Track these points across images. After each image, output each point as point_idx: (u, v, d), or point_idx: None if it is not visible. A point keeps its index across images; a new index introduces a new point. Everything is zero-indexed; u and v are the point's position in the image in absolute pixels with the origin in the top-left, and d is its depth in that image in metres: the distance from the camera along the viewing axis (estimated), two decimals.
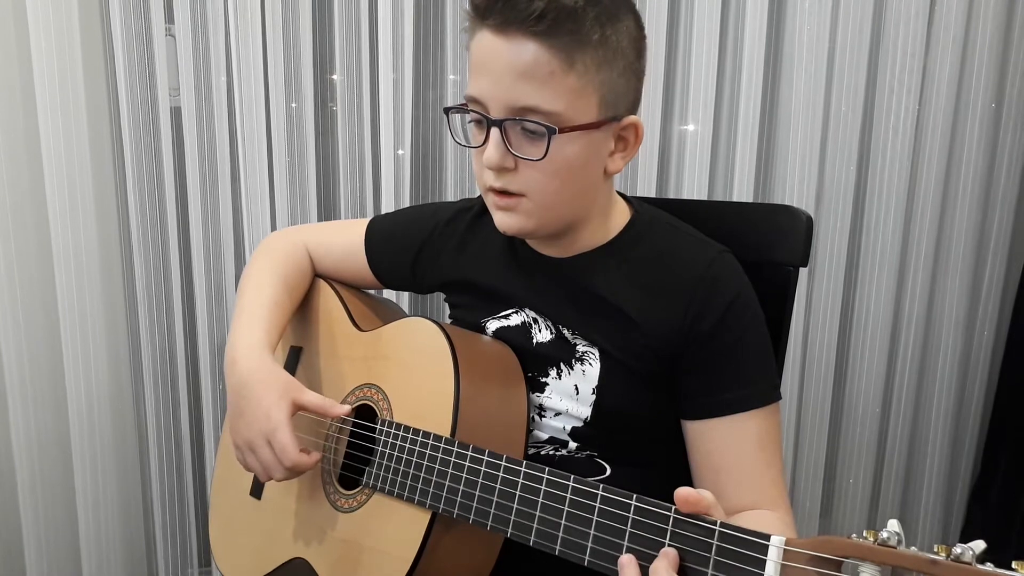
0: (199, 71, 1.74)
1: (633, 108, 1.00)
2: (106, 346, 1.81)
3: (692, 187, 1.87)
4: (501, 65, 0.91)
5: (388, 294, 1.77)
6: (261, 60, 1.73)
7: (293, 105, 1.78)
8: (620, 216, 1.08)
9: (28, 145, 1.70)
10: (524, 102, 0.91)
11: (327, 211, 1.90)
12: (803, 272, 1.63)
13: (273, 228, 1.80)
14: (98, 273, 1.77)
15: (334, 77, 1.82)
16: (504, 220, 1.01)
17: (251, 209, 1.79)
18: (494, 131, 0.94)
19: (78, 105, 1.69)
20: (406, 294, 1.86)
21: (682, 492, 0.73)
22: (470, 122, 1.00)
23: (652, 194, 1.87)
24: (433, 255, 1.21)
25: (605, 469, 1.05)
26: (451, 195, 1.89)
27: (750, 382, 0.99)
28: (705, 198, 1.86)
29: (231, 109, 1.76)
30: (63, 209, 1.70)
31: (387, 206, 1.80)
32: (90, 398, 1.80)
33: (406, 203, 1.82)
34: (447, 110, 1.03)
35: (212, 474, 1.89)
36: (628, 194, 1.13)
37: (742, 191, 1.87)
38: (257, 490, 1.22)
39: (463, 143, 1.03)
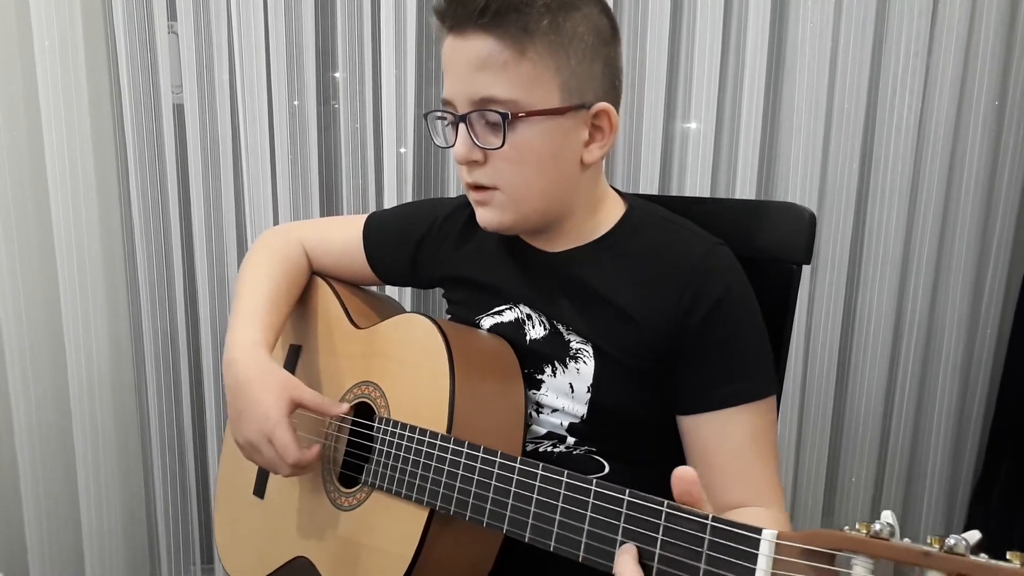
0: (202, 68, 1.75)
1: (607, 96, 1.00)
2: (108, 340, 1.82)
3: (694, 184, 1.86)
4: (460, 62, 0.96)
5: (389, 290, 1.77)
6: (263, 57, 1.73)
7: (295, 103, 1.78)
8: (613, 210, 1.08)
9: (31, 141, 1.71)
10: (483, 93, 0.95)
11: (329, 209, 1.90)
12: (805, 270, 1.62)
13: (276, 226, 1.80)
14: (100, 268, 1.78)
15: (336, 75, 1.82)
16: (482, 215, 1.03)
17: (254, 206, 1.79)
18: (461, 126, 0.97)
19: (81, 102, 1.69)
20: (408, 290, 1.86)
21: (680, 470, 0.73)
22: (447, 125, 1.03)
23: (654, 191, 1.87)
24: (432, 250, 1.21)
25: (604, 466, 1.05)
26: (453, 193, 1.90)
27: (743, 376, 0.98)
28: (707, 196, 1.86)
29: (233, 106, 1.77)
30: (65, 205, 1.71)
31: (389, 204, 1.80)
32: (92, 392, 1.81)
33: (408, 200, 1.82)
34: (426, 115, 1.07)
35: (215, 470, 1.90)
36: (629, 191, 1.13)
37: (744, 189, 1.86)
38: (260, 489, 1.23)
39: (443, 145, 1.05)
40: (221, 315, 1.84)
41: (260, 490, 1.22)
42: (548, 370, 1.05)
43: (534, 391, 1.06)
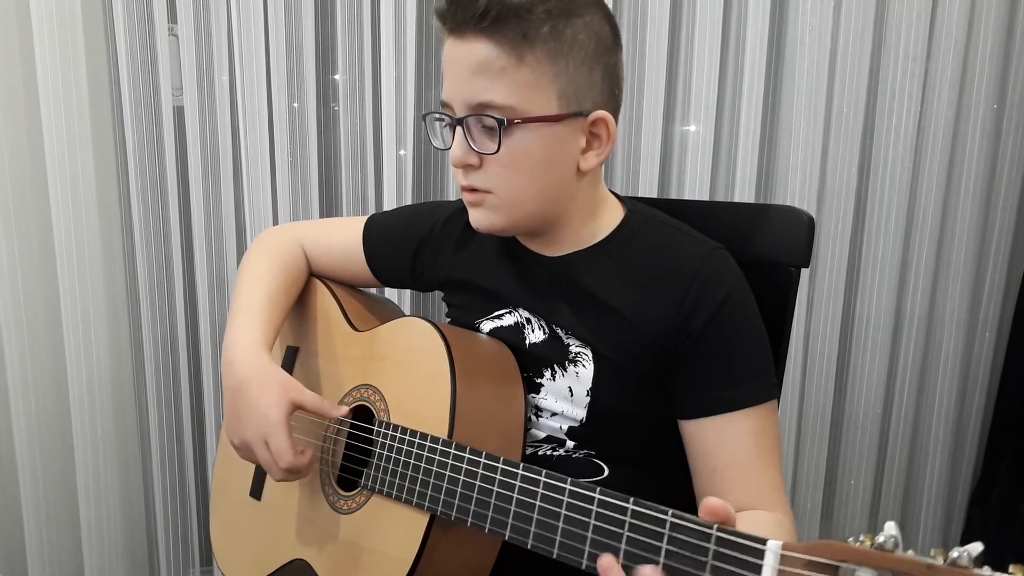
0: (202, 70, 1.74)
1: (605, 104, 1.00)
2: (108, 341, 1.81)
3: (694, 188, 1.86)
4: (459, 65, 0.96)
5: (388, 293, 1.77)
6: (263, 60, 1.73)
7: (295, 105, 1.78)
8: (612, 215, 1.08)
9: (31, 143, 1.70)
10: (480, 98, 0.95)
11: (329, 211, 1.90)
12: (804, 273, 1.63)
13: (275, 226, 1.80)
14: (100, 269, 1.77)
15: (336, 77, 1.82)
16: (476, 217, 1.04)
17: (253, 208, 1.79)
18: (458, 129, 0.97)
19: (81, 104, 1.69)
20: (407, 293, 1.86)
21: (710, 503, 0.72)
22: (445, 127, 1.03)
23: (653, 195, 1.87)
24: (432, 253, 1.21)
25: (603, 469, 1.05)
26: (452, 195, 1.89)
27: (744, 380, 0.98)
28: (706, 199, 1.86)
29: (233, 108, 1.77)
30: (65, 206, 1.71)
31: (389, 206, 1.80)
32: (91, 392, 1.80)
33: (408, 203, 1.82)
34: (425, 116, 1.07)
35: (213, 473, 1.89)
36: (629, 195, 1.13)
37: (743, 192, 1.86)
38: (257, 491, 1.22)
39: (441, 147, 1.05)
40: (221, 315, 1.84)
41: (257, 491, 1.22)
42: (547, 374, 1.05)
43: (533, 395, 1.06)
